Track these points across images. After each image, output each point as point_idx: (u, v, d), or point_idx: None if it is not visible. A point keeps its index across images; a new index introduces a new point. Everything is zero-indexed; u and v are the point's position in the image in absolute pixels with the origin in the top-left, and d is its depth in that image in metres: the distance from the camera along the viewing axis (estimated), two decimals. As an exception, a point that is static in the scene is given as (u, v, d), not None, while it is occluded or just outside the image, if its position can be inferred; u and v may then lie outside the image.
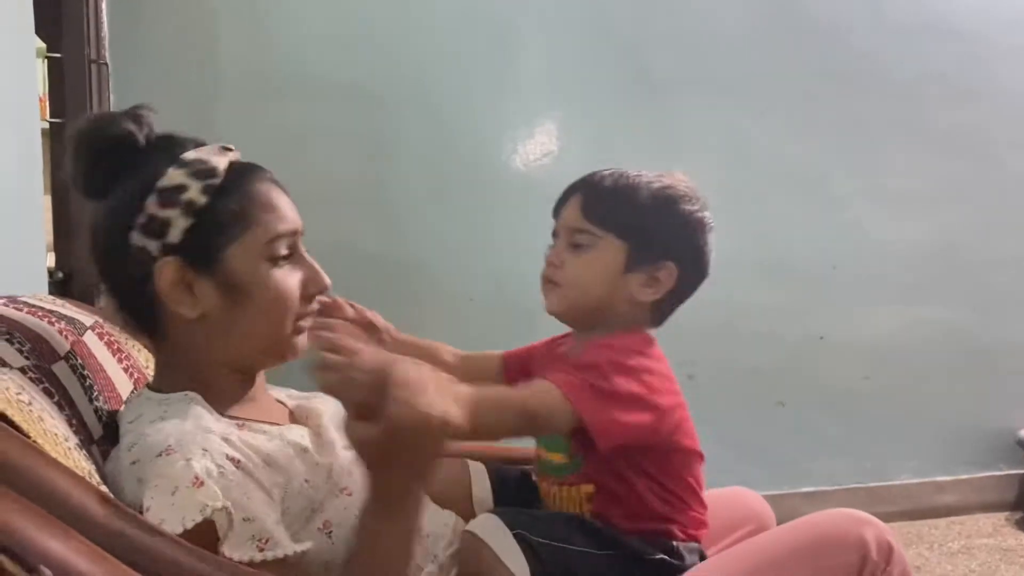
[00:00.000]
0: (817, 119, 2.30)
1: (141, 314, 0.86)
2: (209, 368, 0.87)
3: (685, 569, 0.94)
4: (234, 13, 1.93)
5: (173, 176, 0.83)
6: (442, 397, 0.71)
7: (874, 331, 2.35)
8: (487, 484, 1.10)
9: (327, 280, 0.91)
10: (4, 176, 1.29)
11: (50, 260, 1.60)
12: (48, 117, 1.61)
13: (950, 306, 2.40)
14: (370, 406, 0.70)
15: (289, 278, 0.87)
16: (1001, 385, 2.43)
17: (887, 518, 2.26)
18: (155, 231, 0.82)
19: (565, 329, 1.10)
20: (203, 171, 0.84)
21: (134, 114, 0.87)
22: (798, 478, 2.28)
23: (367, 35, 2.01)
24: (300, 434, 0.89)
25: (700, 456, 1.03)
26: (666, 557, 0.94)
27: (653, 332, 1.04)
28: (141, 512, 0.70)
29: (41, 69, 1.70)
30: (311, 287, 0.89)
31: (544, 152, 2.15)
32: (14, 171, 1.33)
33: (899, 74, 2.34)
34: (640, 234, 0.98)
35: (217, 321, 0.84)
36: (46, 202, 1.57)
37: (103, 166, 0.84)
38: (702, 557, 0.99)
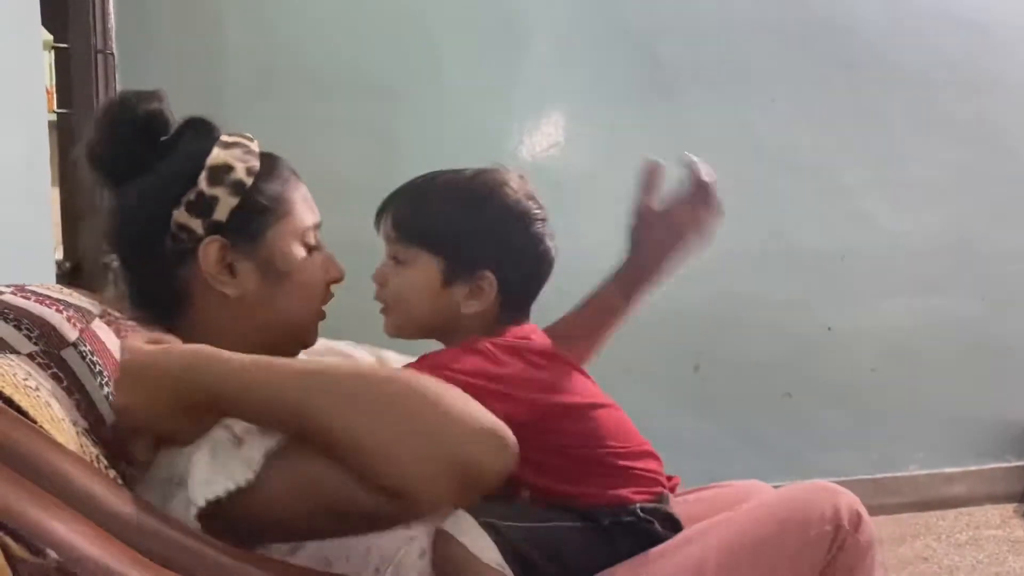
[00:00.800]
0: (828, 109, 2.29)
1: (168, 297, 0.86)
2: (236, 351, 0.87)
3: (656, 530, 0.94)
4: (240, 3, 1.93)
5: (220, 155, 0.84)
6: None
7: (882, 322, 2.34)
8: None
9: (343, 269, 0.95)
10: (12, 168, 1.29)
11: (58, 251, 1.61)
12: (55, 108, 1.62)
13: (959, 297, 2.38)
14: None
15: (316, 264, 0.90)
16: (1009, 376, 2.42)
17: (895, 509, 2.28)
18: (203, 209, 0.82)
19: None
20: (245, 152, 0.85)
21: (158, 95, 0.87)
22: (805, 469, 2.27)
23: (374, 26, 2.01)
24: None
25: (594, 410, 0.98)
26: (634, 520, 0.93)
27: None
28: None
29: (48, 60, 1.70)
30: (333, 273, 0.93)
31: (552, 143, 2.15)
32: (22, 162, 1.34)
33: (910, 64, 2.32)
34: (450, 246, 0.93)
35: (253, 303, 0.86)
36: (54, 193, 1.58)
37: (136, 145, 0.84)
38: (670, 519, 0.98)
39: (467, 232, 0.95)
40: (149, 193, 0.83)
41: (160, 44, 1.87)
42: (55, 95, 1.63)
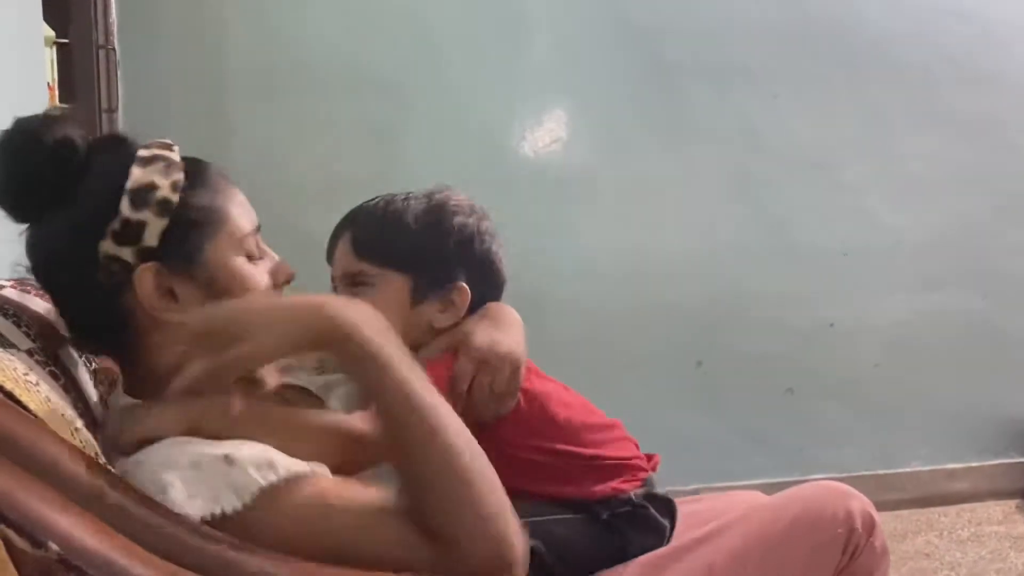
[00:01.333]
0: (829, 106, 2.28)
1: (111, 330, 0.80)
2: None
3: (652, 514, 0.95)
4: (242, 0, 1.93)
5: (140, 175, 0.76)
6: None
7: (884, 318, 2.33)
8: None
9: (292, 271, 0.87)
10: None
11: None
12: (57, 104, 1.62)
13: (961, 293, 2.38)
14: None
15: (262, 272, 0.84)
16: (1012, 372, 2.42)
17: (897, 506, 2.28)
18: (130, 237, 0.75)
19: None
20: (168, 167, 0.78)
21: (64, 116, 0.79)
22: (807, 466, 2.28)
23: (376, 23, 2.01)
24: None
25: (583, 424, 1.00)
26: (631, 509, 0.95)
27: None
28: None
29: (50, 56, 1.70)
30: (279, 277, 0.85)
31: (553, 139, 2.15)
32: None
33: (912, 60, 2.32)
34: (420, 263, 0.95)
35: None
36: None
37: (46, 177, 0.76)
38: (663, 501, 0.98)
39: (434, 248, 0.96)
40: (70, 227, 0.76)
41: (162, 39, 1.87)
42: (57, 91, 1.63)
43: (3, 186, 0.77)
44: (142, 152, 0.78)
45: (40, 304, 0.87)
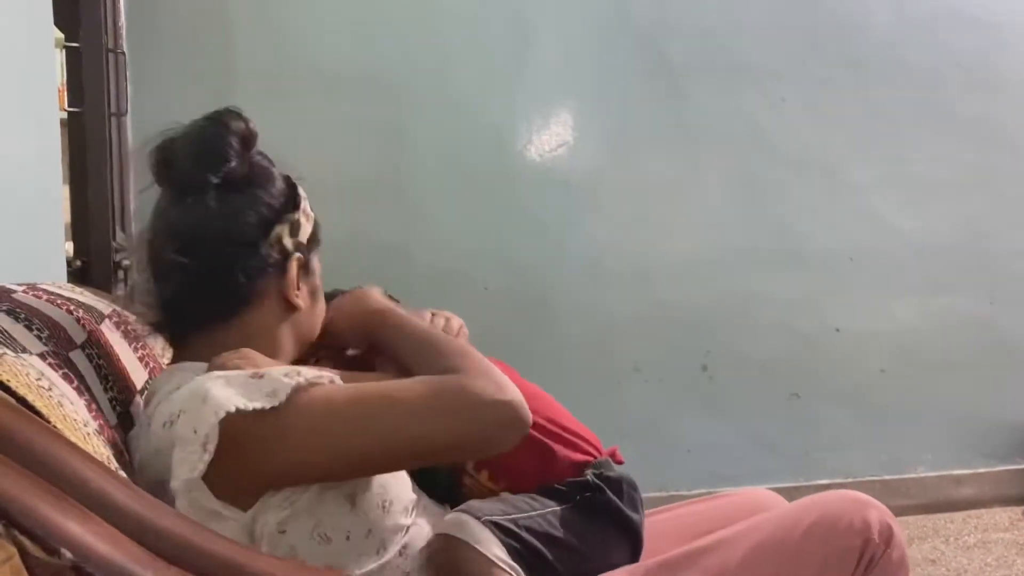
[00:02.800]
0: (836, 108, 2.28)
1: (232, 298, 0.90)
2: (271, 355, 0.91)
3: (610, 498, 0.96)
4: (250, 3, 1.94)
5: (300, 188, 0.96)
6: None
7: (891, 323, 2.33)
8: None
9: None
10: (23, 165, 1.30)
11: (68, 248, 1.61)
12: (66, 107, 1.62)
13: (967, 298, 2.38)
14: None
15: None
16: (1019, 378, 2.41)
17: (903, 511, 2.27)
18: (295, 230, 0.93)
19: None
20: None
21: (247, 118, 0.93)
22: (813, 470, 2.28)
23: (383, 25, 2.02)
24: None
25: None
26: (591, 494, 0.96)
27: None
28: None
29: (59, 59, 1.71)
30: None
31: (560, 142, 2.15)
32: (33, 160, 1.34)
33: (919, 63, 2.32)
34: None
35: (301, 317, 0.95)
36: (64, 191, 1.58)
37: (227, 155, 0.89)
38: (617, 483, 0.99)
39: None
40: (260, 204, 0.91)
41: (170, 43, 1.88)
42: (66, 94, 1.63)
43: (191, 157, 0.88)
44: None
45: (52, 309, 0.87)
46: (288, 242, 0.91)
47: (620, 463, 1.03)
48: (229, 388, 0.76)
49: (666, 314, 2.20)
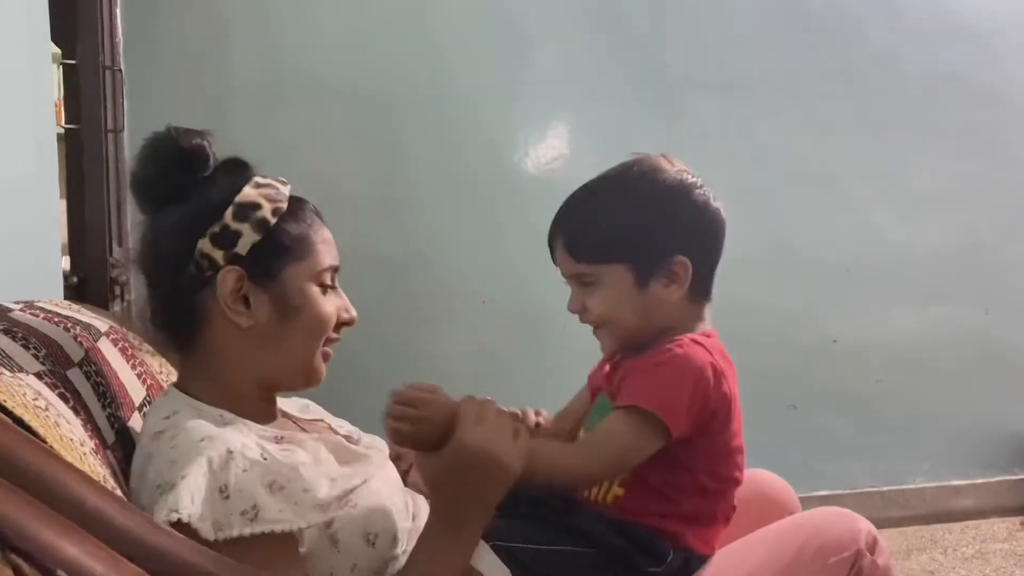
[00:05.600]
0: (832, 119, 2.29)
1: (185, 320, 0.89)
2: (242, 382, 0.90)
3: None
4: (246, 19, 1.95)
5: (249, 194, 0.89)
6: (505, 438, 0.81)
7: (888, 333, 2.33)
8: None
9: (355, 313, 0.97)
10: (20, 181, 1.30)
11: (65, 264, 1.61)
12: (63, 123, 1.63)
13: (964, 308, 2.38)
14: (443, 441, 0.81)
15: (330, 304, 0.93)
16: (1016, 387, 2.41)
17: (901, 522, 2.27)
18: (225, 241, 0.87)
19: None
20: (274, 195, 0.90)
21: (203, 133, 0.91)
22: (811, 481, 2.27)
23: (378, 38, 2.03)
24: (323, 449, 0.91)
25: (743, 454, 1.02)
26: (674, 562, 0.93)
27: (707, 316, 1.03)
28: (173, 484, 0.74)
29: (56, 75, 1.72)
30: (344, 316, 0.95)
31: (556, 155, 2.15)
32: (30, 175, 1.35)
33: (914, 73, 2.33)
34: (632, 250, 0.95)
35: (263, 334, 0.89)
36: (61, 206, 1.58)
37: (175, 176, 0.88)
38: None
39: (642, 228, 0.95)
40: (180, 221, 0.88)
41: (167, 61, 1.88)
42: (63, 110, 1.64)
43: (141, 177, 0.90)
44: (259, 178, 0.91)
45: (49, 327, 0.88)
46: (217, 255, 0.87)
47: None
48: (192, 489, 0.75)
49: (663, 326, 2.20)
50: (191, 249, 0.86)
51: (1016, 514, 2.36)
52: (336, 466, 0.88)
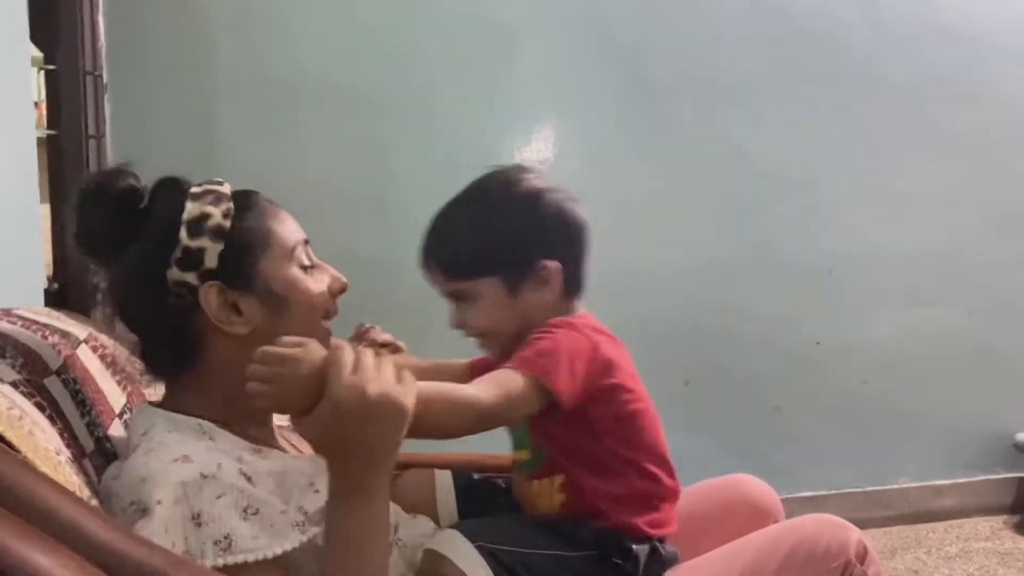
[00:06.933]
0: (815, 123, 2.30)
1: (184, 350, 0.88)
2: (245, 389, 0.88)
3: (659, 567, 0.94)
4: (231, 24, 1.94)
5: (192, 209, 0.86)
6: (387, 380, 0.71)
7: (871, 335, 2.35)
8: (452, 493, 1.09)
9: (345, 280, 0.97)
10: (0, 185, 1.29)
11: (48, 268, 1.60)
12: (44, 125, 1.61)
13: (946, 310, 2.40)
14: (316, 398, 0.70)
15: (317, 280, 0.93)
16: (999, 388, 2.43)
17: (885, 522, 2.29)
18: (191, 262, 0.85)
19: None
20: (217, 198, 0.88)
21: (124, 170, 0.89)
22: (796, 483, 2.28)
23: (363, 43, 2.02)
24: (307, 461, 0.90)
25: (656, 421, 1.02)
26: (639, 553, 0.94)
27: (581, 307, 1.05)
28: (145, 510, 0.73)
29: (37, 79, 1.71)
30: (335, 286, 0.96)
31: (541, 158, 2.16)
32: (10, 179, 1.33)
33: (898, 78, 2.34)
34: (499, 262, 0.96)
35: (264, 333, 0.86)
36: (43, 210, 1.57)
37: (116, 222, 0.87)
38: (673, 558, 0.98)
39: (504, 240, 0.97)
40: (141, 261, 0.87)
41: (150, 65, 1.87)
42: (45, 115, 1.63)
43: (82, 236, 0.89)
44: (194, 189, 0.89)
45: (26, 335, 0.87)
46: (190, 278, 0.86)
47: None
48: (166, 520, 0.73)
49: (647, 329, 2.21)
50: (162, 283, 0.85)
51: (999, 513, 2.39)
52: (325, 476, 0.87)
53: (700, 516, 1.11)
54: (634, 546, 0.94)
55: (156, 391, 0.99)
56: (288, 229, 0.93)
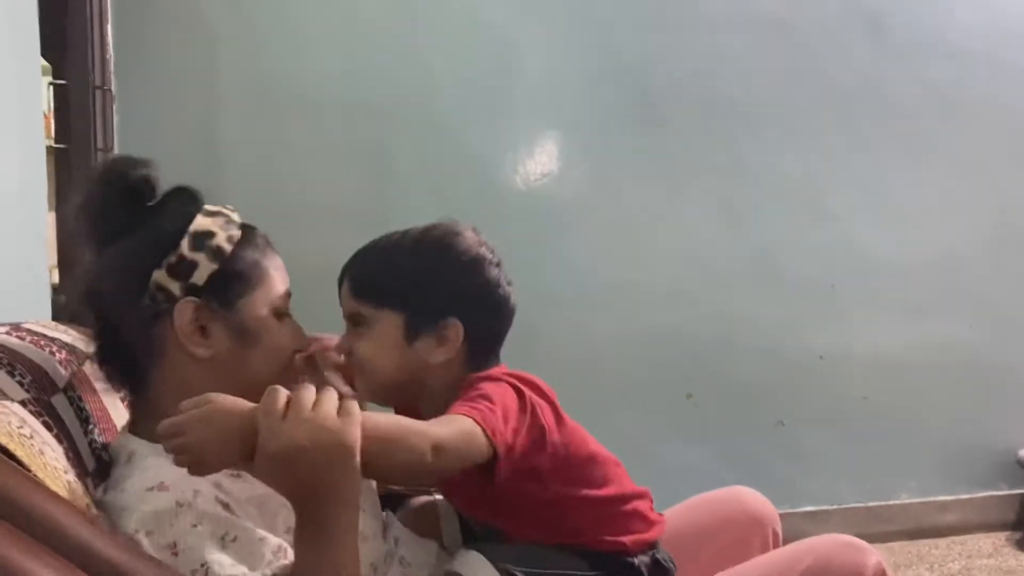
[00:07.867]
0: (817, 137, 2.31)
1: (139, 354, 0.87)
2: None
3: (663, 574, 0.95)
4: (236, 37, 1.96)
5: (203, 223, 0.87)
6: (322, 418, 0.68)
7: (873, 349, 2.35)
8: (455, 520, 1.08)
9: (307, 341, 0.96)
10: (8, 194, 1.30)
11: (54, 277, 1.61)
12: (52, 136, 1.63)
13: (950, 324, 2.40)
14: (252, 446, 0.67)
15: (286, 333, 0.92)
16: (1001, 403, 2.43)
17: (887, 538, 2.28)
18: (182, 272, 0.85)
19: None
20: (227, 222, 0.89)
21: (148, 162, 0.89)
22: (798, 497, 2.28)
23: (368, 52, 2.04)
24: None
25: (606, 462, 1.00)
26: (641, 566, 0.94)
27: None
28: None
29: (47, 92, 1.72)
30: (299, 343, 0.95)
31: (544, 171, 2.17)
32: (18, 189, 1.34)
33: (898, 92, 2.35)
34: (411, 300, 0.93)
35: (223, 364, 0.87)
36: (50, 219, 1.58)
37: (122, 208, 0.86)
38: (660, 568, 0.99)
39: (425, 283, 0.94)
40: (133, 253, 0.86)
41: (158, 80, 1.89)
42: (53, 127, 1.64)
43: (87, 209, 0.87)
44: (208, 207, 0.89)
45: (35, 352, 0.88)
46: (174, 287, 0.85)
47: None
48: (211, 542, 0.73)
49: (651, 342, 2.22)
50: (145, 282, 0.84)
51: (1001, 529, 2.38)
52: None
53: (700, 527, 1.12)
54: (635, 560, 0.94)
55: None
56: (281, 275, 0.93)
